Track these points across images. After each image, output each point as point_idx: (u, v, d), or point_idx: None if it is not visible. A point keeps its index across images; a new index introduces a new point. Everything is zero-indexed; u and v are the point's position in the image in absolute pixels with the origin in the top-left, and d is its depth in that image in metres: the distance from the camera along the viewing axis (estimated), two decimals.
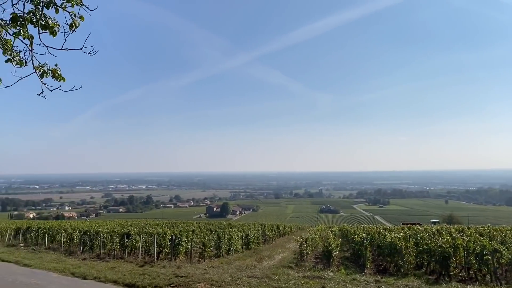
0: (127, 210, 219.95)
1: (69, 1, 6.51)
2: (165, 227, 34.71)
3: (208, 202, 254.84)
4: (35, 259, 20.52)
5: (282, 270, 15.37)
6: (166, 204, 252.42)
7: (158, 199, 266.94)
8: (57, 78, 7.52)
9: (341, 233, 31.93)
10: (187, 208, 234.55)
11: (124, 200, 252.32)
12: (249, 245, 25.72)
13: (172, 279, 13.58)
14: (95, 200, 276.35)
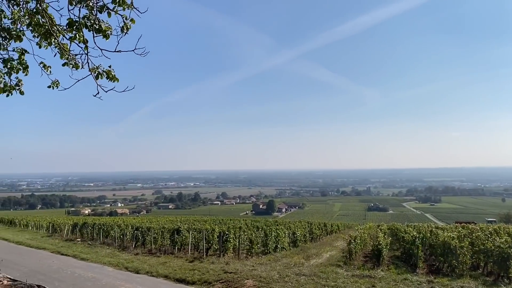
0: (176, 206, 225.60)
1: (120, 5, 6.72)
2: (213, 224, 35.27)
3: (254, 199, 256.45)
4: (91, 253, 21.51)
5: (331, 269, 15.18)
6: (213, 201, 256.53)
7: (205, 196, 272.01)
8: (111, 79, 7.79)
9: (390, 231, 31.10)
10: (233, 205, 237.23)
11: (173, 197, 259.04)
12: (296, 242, 25.62)
13: (221, 275, 13.78)
14: (146, 197, 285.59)
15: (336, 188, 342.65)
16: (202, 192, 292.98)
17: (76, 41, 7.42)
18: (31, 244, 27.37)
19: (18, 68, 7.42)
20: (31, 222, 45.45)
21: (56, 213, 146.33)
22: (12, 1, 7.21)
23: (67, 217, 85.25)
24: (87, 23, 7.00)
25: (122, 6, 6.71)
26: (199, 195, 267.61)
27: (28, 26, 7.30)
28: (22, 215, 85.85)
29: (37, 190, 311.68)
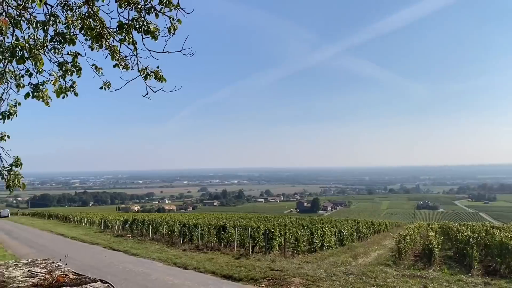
0: (220, 203, 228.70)
1: (167, 6, 6.84)
2: (258, 221, 35.46)
3: (298, 197, 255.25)
4: (141, 249, 22.20)
5: (379, 268, 14.81)
6: (257, 199, 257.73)
7: (249, 194, 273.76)
8: (159, 79, 7.95)
9: (442, 230, 29.97)
10: (277, 203, 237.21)
11: (218, 194, 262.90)
12: (342, 241, 25.26)
13: (267, 272, 13.79)
14: (191, 194, 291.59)
15: (384, 186, 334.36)
16: (245, 190, 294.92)
17: (126, 43, 7.64)
18: (84, 239, 28.66)
19: (72, 71, 7.71)
20: (84, 218, 47.65)
21: (107, 209, 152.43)
22: (66, 7, 7.49)
23: (118, 213, 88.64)
24: (135, 25, 7.16)
25: (169, 7, 6.81)
26: (243, 192, 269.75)
27: (80, 30, 7.56)
28: (76, 211, 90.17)
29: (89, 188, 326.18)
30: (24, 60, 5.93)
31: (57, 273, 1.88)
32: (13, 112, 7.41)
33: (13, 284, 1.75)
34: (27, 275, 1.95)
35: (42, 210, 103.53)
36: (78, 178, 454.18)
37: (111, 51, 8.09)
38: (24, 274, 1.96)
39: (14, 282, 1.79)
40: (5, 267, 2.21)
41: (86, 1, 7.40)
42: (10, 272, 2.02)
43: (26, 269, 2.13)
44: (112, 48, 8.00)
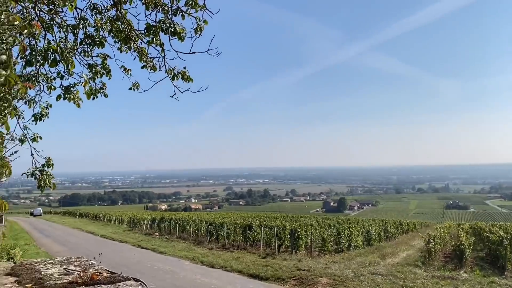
0: (246, 203, 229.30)
1: (193, 7, 6.90)
2: (284, 221, 35.38)
3: (324, 196, 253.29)
4: (168, 247, 22.51)
5: (408, 269, 14.55)
6: (283, 198, 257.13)
7: (274, 193, 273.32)
8: (185, 79, 8.04)
9: (473, 231, 29.15)
10: (303, 202, 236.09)
11: (243, 194, 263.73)
12: (370, 241, 24.93)
13: (294, 272, 13.75)
14: (217, 193, 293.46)
15: (412, 185, 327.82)
16: (271, 189, 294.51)
17: (153, 45, 7.76)
18: (114, 237, 29.28)
19: (101, 73, 7.88)
20: (113, 217, 48.68)
21: (136, 208, 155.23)
22: (95, 10, 7.65)
23: (146, 212, 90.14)
24: (162, 27, 7.27)
25: (195, 8, 6.88)
26: (268, 191, 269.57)
27: (109, 33, 7.73)
28: (105, 210, 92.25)
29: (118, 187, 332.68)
30: (56, 63, 6.10)
31: (91, 271, 1.93)
32: (45, 113, 7.63)
33: (50, 281, 1.80)
34: (62, 273, 2.00)
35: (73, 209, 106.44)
36: (107, 178, 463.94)
37: (139, 53, 8.23)
38: (59, 272, 2.02)
39: (51, 279, 1.84)
40: (41, 264, 2.28)
41: (115, 4, 7.55)
42: (47, 270, 2.09)
43: (61, 266, 2.19)
44: (140, 49, 8.15)
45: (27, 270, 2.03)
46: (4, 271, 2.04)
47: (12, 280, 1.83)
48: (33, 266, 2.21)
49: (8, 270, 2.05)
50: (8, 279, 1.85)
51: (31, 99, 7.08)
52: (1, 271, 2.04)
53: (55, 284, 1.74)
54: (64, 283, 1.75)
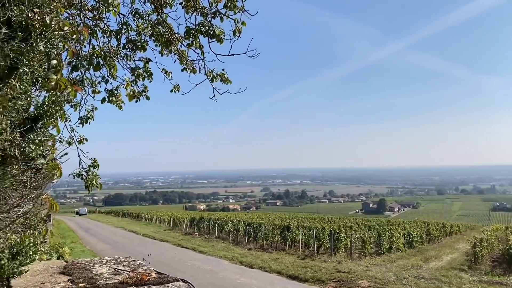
0: (283, 203, 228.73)
1: (231, 9, 6.94)
2: (322, 222, 35.00)
3: (364, 198, 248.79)
4: (208, 247, 22.78)
5: (453, 273, 14.01)
6: (321, 199, 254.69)
7: (312, 194, 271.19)
8: (224, 81, 8.11)
9: None
10: (341, 203, 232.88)
11: (280, 194, 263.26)
12: (412, 243, 24.25)
13: (334, 274, 13.56)
14: (255, 193, 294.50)
15: (455, 186, 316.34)
16: (308, 190, 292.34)
17: (193, 48, 7.87)
18: (155, 236, 29.95)
19: (143, 76, 8.08)
20: (154, 217, 49.83)
21: (176, 208, 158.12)
22: (137, 15, 7.84)
23: (185, 212, 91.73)
24: (202, 30, 7.36)
25: (233, 10, 6.92)
26: (306, 192, 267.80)
27: (150, 37, 7.91)
28: (147, 210, 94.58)
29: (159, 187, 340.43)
30: (100, 67, 6.29)
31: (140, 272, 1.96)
32: (90, 116, 7.90)
33: (101, 280, 1.85)
34: (112, 272, 2.05)
35: (116, 208, 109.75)
36: (148, 178, 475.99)
37: (180, 56, 8.37)
38: (109, 272, 2.06)
39: (102, 279, 1.88)
40: (91, 263, 2.34)
41: (156, 9, 7.71)
42: (97, 269, 2.14)
43: (110, 266, 2.24)
44: (180, 52, 8.28)
45: (79, 269, 2.09)
46: (57, 269, 2.11)
47: (65, 279, 1.88)
48: (84, 265, 2.28)
49: (61, 269, 2.12)
50: (62, 277, 1.91)
51: (77, 103, 7.35)
52: (55, 270, 2.11)
53: (106, 284, 1.77)
54: (115, 283, 1.78)
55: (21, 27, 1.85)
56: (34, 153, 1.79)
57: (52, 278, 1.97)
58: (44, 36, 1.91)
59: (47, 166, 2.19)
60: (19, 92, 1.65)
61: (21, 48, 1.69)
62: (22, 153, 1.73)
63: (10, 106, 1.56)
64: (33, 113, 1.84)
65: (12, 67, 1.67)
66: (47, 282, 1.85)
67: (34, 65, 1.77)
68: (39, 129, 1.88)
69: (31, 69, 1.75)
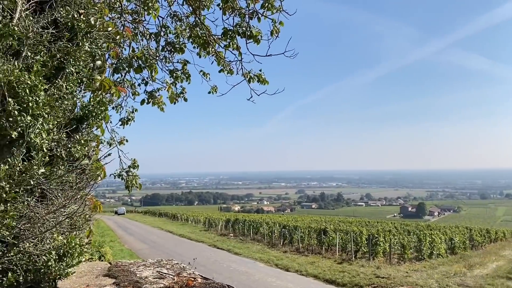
0: (318, 206, 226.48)
1: (269, 9, 6.89)
2: (360, 226, 34.35)
3: (402, 201, 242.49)
4: (243, 248, 22.80)
5: (500, 281, 13.33)
6: (357, 202, 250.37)
7: (348, 197, 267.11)
8: (261, 82, 8.06)
9: None
10: (378, 207, 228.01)
11: (315, 197, 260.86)
12: (454, 249, 23.38)
13: (372, 279, 13.22)
14: (289, 196, 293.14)
15: (499, 190, 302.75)
16: (344, 193, 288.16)
17: (230, 49, 7.87)
18: (191, 237, 30.30)
19: (182, 78, 8.15)
20: (190, 217, 50.50)
21: (210, 209, 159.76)
22: (175, 17, 7.92)
23: (220, 213, 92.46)
24: (239, 31, 7.35)
25: (271, 10, 6.87)
26: (341, 195, 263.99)
27: (188, 39, 7.97)
28: (183, 210, 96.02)
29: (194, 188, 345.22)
30: (141, 70, 6.37)
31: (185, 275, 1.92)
32: (131, 118, 8.04)
33: (146, 284, 1.82)
34: (157, 276, 2.02)
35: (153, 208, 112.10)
36: (184, 179, 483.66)
37: (217, 57, 8.39)
38: (154, 275, 2.04)
39: (146, 282, 1.85)
40: (135, 266, 2.33)
41: (193, 11, 7.76)
42: (141, 272, 2.12)
43: (154, 269, 2.21)
44: (218, 54, 8.30)
45: (123, 272, 2.07)
46: (102, 271, 2.11)
47: (110, 281, 1.87)
48: (128, 268, 2.26)
49: (105, 271, 2.11)
50: (107, 280, 1.91)
51: (118, 104, 7.50)
52: (99, 272, 2.12)
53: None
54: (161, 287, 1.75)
55: (67, 27, 1.85)
56: (79, 154, 1.79)
57: (98, 280, 1.97)
58: (89, 37, 1.91)
59: (92, 167, 2.19)
60: (65, 92, 1.65)
61: (68, 48, 1.69)
62: (68, 153, 1.72)
63: (57, 106, 1.56)
64: (78, 113, 1.85)
65: (59, 67, 1.67)
66: (92, 285, 1.85)
67: (80, 65, 1.77)
68: (84, 129, 1.88)
69: (77, 69, 1.75)
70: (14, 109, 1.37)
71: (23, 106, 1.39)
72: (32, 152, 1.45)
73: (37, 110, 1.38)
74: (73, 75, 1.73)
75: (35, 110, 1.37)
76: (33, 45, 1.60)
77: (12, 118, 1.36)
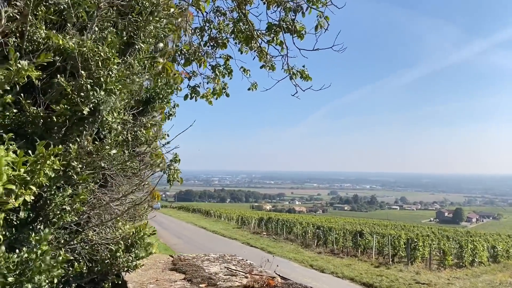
0: (351, 208, 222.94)
1: (314, 4, 6.68)
2: (397, 229, 33.45)
3: (438, 206, 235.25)
4: (276, 247, 22.62)
5: None
6: (391, 206, 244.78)
7: (382, 200, 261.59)
8: (305, 78, 7.86)
9: None
10: (414, 211, 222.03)
11: (348, 199, 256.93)
12: (496, 258, 22.35)
13: (412, 285, 12.76)
14: (321, 197, 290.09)
15: None
16: (379, 196, 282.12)
17: (273, 44, 7.71)
18: (224, 233, 30.42)
19: (224, 73, 8.05)
20: (223, 214, 50.79)
21: (242, 207, 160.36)
22: (218, 12, 7.83)
23: (252, 211, 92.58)
24: (283, 25, 7.18)
25: (316, 5, 6.67)
26: (375, 198, 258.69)
27: (231, 34, 7.87)
28: (215, 207, 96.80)
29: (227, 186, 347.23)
30: (190, 63, 6.26)
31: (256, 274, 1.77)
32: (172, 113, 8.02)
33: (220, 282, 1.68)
34: (227, 273, 1.89)
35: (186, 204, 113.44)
36: (217, 176, 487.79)
37: (259, 53, 8.24)
38: (223, 271, 1.90)
39: (219, 279, 1.72)
40: (199, 260, 2.20)
41: (238, 5, 7.64)
42: (208, 267, 1.99)
43: (220, 264, 2.08)
44: (260, 49, 8.15)
45: (190, 266, 1.95)
46: (167, 265, 1.99)
47: (180, 277, 1.75)
48: (193, 262, 2.14)
49: (170, 265, 1.99)
50: (175, 275, 1.79)
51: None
52: (164, 265, 2.00)
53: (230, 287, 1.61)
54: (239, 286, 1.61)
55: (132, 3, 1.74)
56: (145, 138, 1.67)
57: (165, 274, 1.85)
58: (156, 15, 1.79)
59: (151, 154, 2.08)
60: (136, 70, 1.54)
61: (138, 22, 1.58)
62: (134, 137, 1.61)
63: (128, 84, 1.44)
64: (145, 95, 1.73)
65: (129, 42, 1.56)
66: (162, 279, 1.73)
67: (150, 41, 1.65)
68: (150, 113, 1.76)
69: (147, 47, 1.63)
70: (86, 83, 1.27)
71: (95, 81, 1.28)
72: (103, 132, 1.33)
73: (110, 85, 1.27)
74: (143, 53, 1.61)
75: (108, 84, 1.26)
76: (101, 18, 1.49)
77: (84, 93, 1.26)
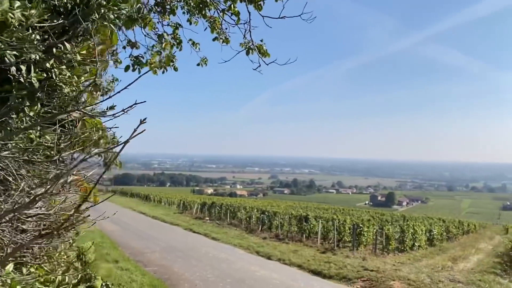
0: (291, 192, 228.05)
1: None
2: (337, 214, 34.12)
3: (372, 190, 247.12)
4: (220, 233, 21.96)
5: (490, 277, 12.95)
6: (328, 189, 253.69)
7: (320, 184, 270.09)
8: (262, 54, 7.11)
9: None
10: (349, 194, 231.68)
11: (288, 183, 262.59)
12: (432, 241, 23.28)
13: (360, 272, 12.61)
14: (262, 180, 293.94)
15: (466, 183, 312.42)
16: (317, 179, 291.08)
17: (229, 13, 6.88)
18: (165, 219, 29.28)
19: (172, 44, 7.10)
20: (163, 199, 49.31)
21: (183, 191, 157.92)
22: None
23: (194, 195, 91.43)
24: None
25: None
26: (314, 182, 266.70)
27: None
28: (155, 191, 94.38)
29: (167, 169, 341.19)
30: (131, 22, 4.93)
31: None
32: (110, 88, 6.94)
33: None
34: None
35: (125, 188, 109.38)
36: (156, 160, 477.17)
37: (211, 23, 7.37)
38: None
39: None
40: None
41: None
42: None
43: None
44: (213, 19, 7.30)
45: None
46: None
47: None
48: None
49: None
50: None
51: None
52: None
53: None
54: None
55: None
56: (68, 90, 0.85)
57: None
58: None
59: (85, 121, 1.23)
60: None
61: None
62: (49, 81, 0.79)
63: None
64: None
65: None
66: None
67: None
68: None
69: None
70: None
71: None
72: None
73: None
74: None
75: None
76: None
77: None
